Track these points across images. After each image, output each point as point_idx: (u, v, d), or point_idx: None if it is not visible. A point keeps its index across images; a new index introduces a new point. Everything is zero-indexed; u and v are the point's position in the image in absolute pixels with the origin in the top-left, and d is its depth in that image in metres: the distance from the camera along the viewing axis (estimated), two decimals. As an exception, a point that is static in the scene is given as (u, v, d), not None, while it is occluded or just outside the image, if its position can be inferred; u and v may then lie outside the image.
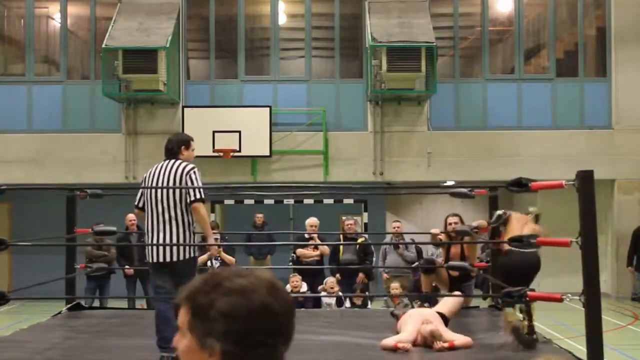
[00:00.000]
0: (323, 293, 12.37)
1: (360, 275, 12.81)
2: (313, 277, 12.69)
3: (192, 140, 7.41)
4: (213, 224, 15.29)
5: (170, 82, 16.80)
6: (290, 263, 13.63)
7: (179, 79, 17.75)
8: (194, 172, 6.98)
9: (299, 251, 13.00)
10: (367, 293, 13.24)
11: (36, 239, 13.25)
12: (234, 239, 14.94)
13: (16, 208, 19.08)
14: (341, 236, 13.33)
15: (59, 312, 9.28)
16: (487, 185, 7.54)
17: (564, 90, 18.01)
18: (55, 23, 18.67)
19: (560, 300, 6.24)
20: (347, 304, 12.41)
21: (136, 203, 7.12)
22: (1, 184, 7.44)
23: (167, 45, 16.46)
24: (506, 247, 7.43)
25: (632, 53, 17.81)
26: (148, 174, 7.04)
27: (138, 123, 17.72)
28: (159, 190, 6.79)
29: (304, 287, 12.29)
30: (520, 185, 6.56)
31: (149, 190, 6.85)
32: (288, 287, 11.56)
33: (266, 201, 17.94)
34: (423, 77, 16.53)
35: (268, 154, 17.18)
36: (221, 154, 16.84)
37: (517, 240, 6.87)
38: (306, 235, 12.72)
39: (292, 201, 18.16)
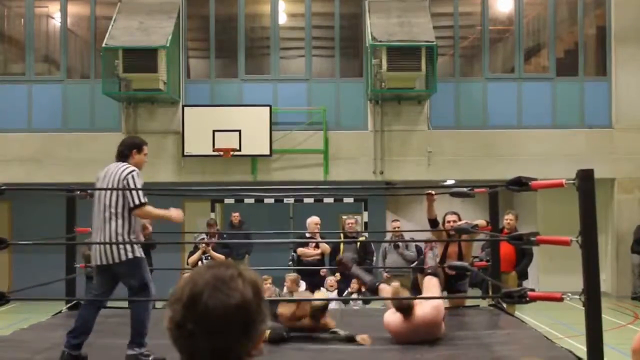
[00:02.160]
0: (322, 290, 12.36)
1: (354, 286, 12.68)
2: (313, 277, 12.67)
3: (146, 144, 7.31)
4: (212, 222, 15.35)
5: (170, 81, 16.80)
6: (290, 263, 13.62)
7: (179, 78, 17.76)
8: (132, 177, 6.85)
9: (300, 250, 12.98)
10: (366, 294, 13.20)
11: (36, 239, 13.25)
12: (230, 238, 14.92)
13: (16, 207, 19.08)
14: (342, 235, 13.31)
15: (59, 312, 9.27)
16: (487, 184, 7.53)
17: (564, 89, 18.01)
18: (56, 22, 18.67)
19: (560, 299, 6.23)
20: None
21: None
22: (1, 183, 7.42)
23: (167, 45, 16.46)
24: None
25: (632, 52, 17.82)
26: (98, 175, 7.12)
27: (138, 122, 17.73)
28: (103, 193, 6.83)
29: (303, 286, 12.28)
30: (520, 184, 6.55)
31: (96, 191, 6.90)
32: (284, 289, 11.53)
33: (266, 200, 17.95)
34: (423, 77, 16.54)
35: (268, 153, 17.18)
36: (221, 153, 16.85)
37: (517, 238, 6.87)
38: (307, 234, 12.69)
39: (292, 200, 18.15)
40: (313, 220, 12.62)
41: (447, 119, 17.83)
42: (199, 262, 12.76)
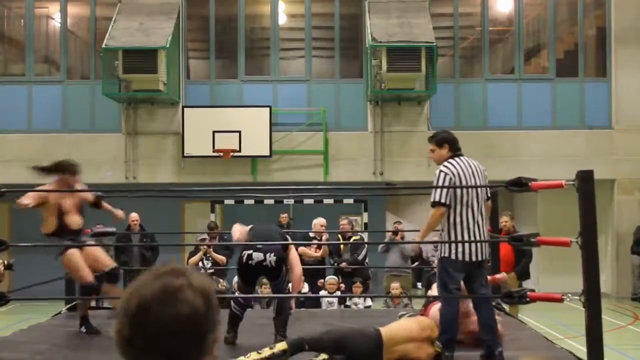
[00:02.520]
0: (323, 291, 12.36)
1: (357, 289, 12.64)
2: (314, 277, 12.67)
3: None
4: (212, 224, 15.34)
5: (170, 82, 16.80)
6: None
7: (179, 79, 17.76)
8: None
9: (301, 249, 12.94)
10: (366, 294, 13.20)
11: (36, 240, 13.22)
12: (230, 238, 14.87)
13: (16, 209, 19.06)
14: (340, 237, 13.29)
15: (59, 313, 9.28)
16: (487, 185, 7.53)
17: (564, 90, 18.01)
18: (55, 23, 18.67)
19: (561, 300, 6.23)
20: (347, 302, 12.40)
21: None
22: (1, 184, 7.44)
23: (167, 45, 16.47)
24: None
25: (632, 53, 17.82)
26: (462, 170, 6.67)
27: (138, 123, 17.73)
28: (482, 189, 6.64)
29: (305, 287, 12.28)
30: (520, 184, 6.54)
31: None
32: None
33: (266, 201, 17.94)
34: (423, 77, 16.53)
35: (268, 154, 17.19)
36: (221, 154, 16.85)
37: (518, 239, 6.86)
38: (311, 234, 12.66)
39: (292, 201, 18.14)
40: (319, 222, 12.55)
41: (447, 119, 17.81)
42: (200, 264, 12.78)
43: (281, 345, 6.03)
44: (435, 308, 7.13)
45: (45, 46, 18.95)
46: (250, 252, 7.29)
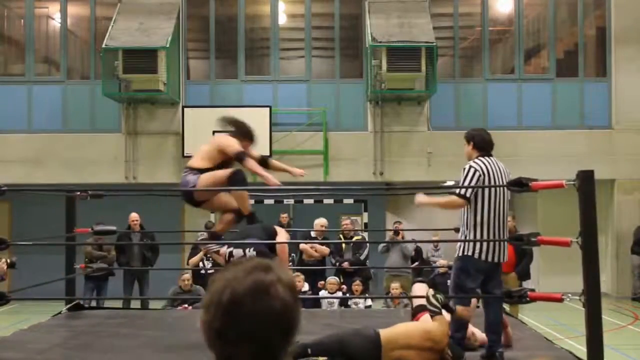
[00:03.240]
0: (323, 291, 12.36)
1: (357, 288, 12.64)
2: (314, 277, 12.67)
3: None
4: (210, 224, 15.32)
5: (170, 82, 16.81)
6: (291, 263, 13.59)
7: (179, 79, 17.76)
8: None
9: (302, 246, 12.92)
10: (366, 294, 13.21)
11: (36, 239, 13.24)
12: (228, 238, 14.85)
13: (16, 208, 19.08)
14: (341, 236, 13.30)
15: (59, 312, 9.27)
16: (487, 185, 7.53)
17: (564, 90, 18.02)
18: (55, 23, 18.68)
19: (561, 300, 6.23)
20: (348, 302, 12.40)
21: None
22: (1, 184, 7.42)
23: (167, 45, 16.47)
24: None
25: (632, 53, 17.82)
26: (490, 169, 6.68)
27: (138, 123, 17.73)
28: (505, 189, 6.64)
29: (305, 286, 12.29)
30: (521, 185, 6.54)
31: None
32: None
33: (266, 201, 17.94)
34: (423, 77, 16.53)
35: (268, 153, 17.16)
36: (221, 154, 16.82)
37: (518, 239, 6.86)
38: (312, 234, 12.66)
39: (292, 201, 18.15)
40: (319, 222, 12.58)
41: (447, 119, 17.82)
42: (200, 264, 12.77)
43: None
44: (426, 317, 7.11)
45: (46, 46, 18.95)
46: (231, 249, 7.37)
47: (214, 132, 16.90)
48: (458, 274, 6.52)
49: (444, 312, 6.19)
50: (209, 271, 12.26)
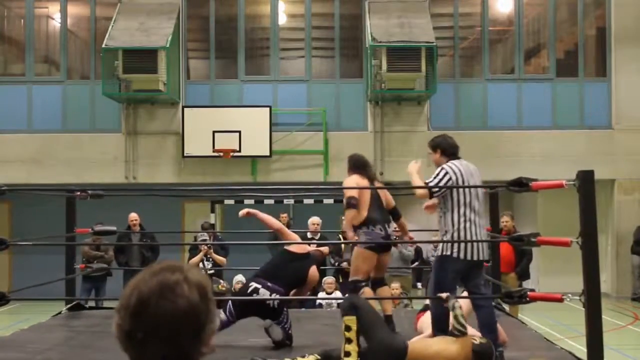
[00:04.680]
0: (322, 294, 12.35)
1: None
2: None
3: None
4: (206, 225, 15.32)
5: (170, 82, 16.80)
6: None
7: (179, 79, 17.76)
8: None
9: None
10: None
11: (36, 239, 13.24)
12: (230, 239, 14.85)
13: (16, 208, 19.08)
14: (341, 236, 13.28)
15: (59, 313, 9.28)
16: (487, 185, 7.52)
17: (564, 90, 18.01)
18: (55, 23, 18.67)
19: (561, 300, 6.24)
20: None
21: None
22: (1, 184, 7.42)
23: (167, 45, 16.46)
24: None
25: (632, 53, 17.81)
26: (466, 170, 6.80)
27: (138, 123, 17.73)
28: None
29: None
30: (521, 185, 6.55)
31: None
32: None
33: (266, 201, 17.92)
34: (423, 77, 16.53)
35: (268, 154, 17.18)
36: (221, 154, 16.85)
37: (518, 239, 6.87)
38: (309, 235, 12.66)
39: (292, 201, 18.14)
40: (311, 221, 12.67)
41: (447, 120, 17.82)
42: (200, 264, 12.77)
43: (312, 357, 6.20)
44: (424, 318, 7.14)
45: (45, 46, 18.95)
46: (259, 286, 7.19)
47: (213, 132, 16.96)
48: (437, 274, 6.57)
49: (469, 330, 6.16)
50: (209, 271, 12.25)
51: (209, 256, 12.80)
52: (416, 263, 15.31)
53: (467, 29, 18.83)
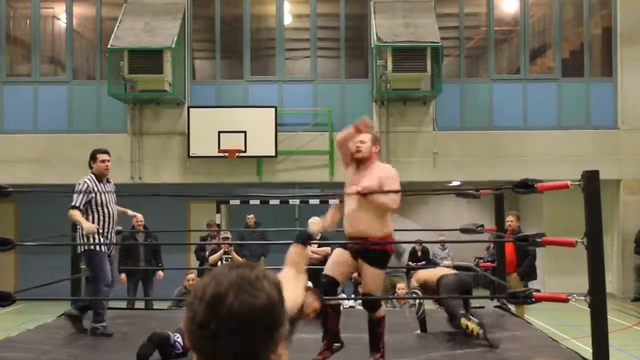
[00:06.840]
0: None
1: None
2: (316, 278, 12.63)
3: (98, 152, 9.39)
4: (211, 222, 15.35)
5: (175, 83, 16.82)
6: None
7: (185, 79, 17.78)
8: (79, 184, 8.65)
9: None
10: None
11: (42, 239, 13.27)
12: (234, 238, 14.91)
13: (22, 208, 19.12)
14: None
15: (64, 313, 9.28)
16: (492, 185, 7.50)
17: (569, 90, 17.99)
18: (61, 23, 18.70)
19: (566, 300, 6.23)
20: (351, 302, 12.39)
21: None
22: (7, 184, 7.44)
23: (173, 46, 16.48)
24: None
25: (638, 53, 17.77)
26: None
27: (144, 123, 17.74)
28: None
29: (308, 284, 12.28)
30: (527, 186, 6.55)
31: None
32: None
33: (271, 201, 17.94)
34: (428, 77, 16.52)
35: (273, 154, 17.19)
36: (227, 154, 16.85)
37: (523, 239, 6.86)
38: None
39: (297, 201, 18.15)
40: (312, 221, 12.59)
41: (453, 120, 17.81)
42: (219, 263, 12.77)
43: None
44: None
45: (51, 46, 18.99)
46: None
47: (219, 132, 16.97)
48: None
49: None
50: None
51: (229, 255, 12.79)
52: (422, 263, 15.32)
53: (472, 29, 18.82)
